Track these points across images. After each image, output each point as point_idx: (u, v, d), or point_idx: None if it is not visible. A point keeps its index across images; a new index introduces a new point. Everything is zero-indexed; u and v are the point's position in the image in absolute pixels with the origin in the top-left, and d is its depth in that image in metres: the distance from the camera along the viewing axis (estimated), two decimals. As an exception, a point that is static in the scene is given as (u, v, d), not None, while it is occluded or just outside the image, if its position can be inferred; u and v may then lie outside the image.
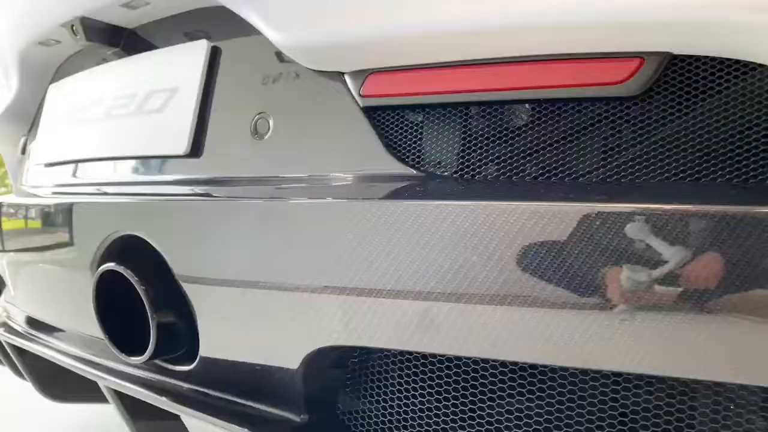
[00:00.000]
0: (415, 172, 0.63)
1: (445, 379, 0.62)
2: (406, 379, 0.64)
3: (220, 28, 0.84)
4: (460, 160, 0.63)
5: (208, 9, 0.83)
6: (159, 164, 0.84)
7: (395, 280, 0.55)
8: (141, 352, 0.72)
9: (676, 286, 0.44)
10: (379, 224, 0.56)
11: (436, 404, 0.63)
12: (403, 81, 0.64)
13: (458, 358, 0.60)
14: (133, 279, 0.67)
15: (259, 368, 0.67)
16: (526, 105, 0.61)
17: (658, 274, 0.45)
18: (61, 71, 1.17)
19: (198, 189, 0.76)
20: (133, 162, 0.89)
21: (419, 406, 0.64)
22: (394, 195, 0.59)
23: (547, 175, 0.60)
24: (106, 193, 0.87)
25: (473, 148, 0.62)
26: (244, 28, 0.79)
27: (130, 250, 0.72)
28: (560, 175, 0.59)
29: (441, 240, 0.53)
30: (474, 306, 0.52)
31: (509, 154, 0.61)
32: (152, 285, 0.67)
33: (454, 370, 0.61)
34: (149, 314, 0.66)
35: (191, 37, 0.88)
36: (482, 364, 0.59)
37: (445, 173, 0.63)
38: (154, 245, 0.68)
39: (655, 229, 0.45)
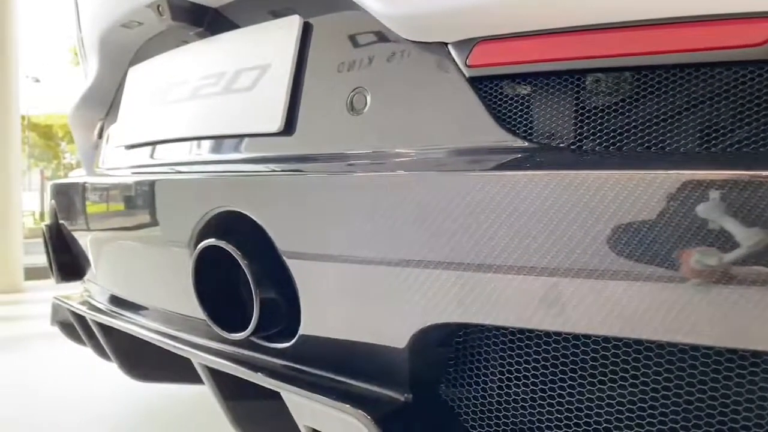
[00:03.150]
0: (527, 143, 0.60)
1: (553, 360, 0.60)
2: (511, 359, 0.62)
3: (307, 3, 0.83)
4: (576, 131, 0.60)
5: (298, -16, 0.82)
6: (250, 142, 0.84)
7: (516, 256, 0.52)
8: (239, 329, 0.72)
9: None
10: (497, 197, 0.53)
11: (541, 386, 0.61)
12: (514, 49, 0.61)
13: (576, 337, 0.57)
14: (236, 254, 0.66)
15: (363, 346, 0.66)
16: (647, 72, 0.58)
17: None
18: (139, 54, 1.18)
19: (294, 166, 0.75)
20: (221, 141, 0.89)
21: (524, 387, 0.62)
22: (511, 166, 0.57)
23: (669, 146, 0.57)
24: (196, 172, 0.87)
25: (589, 118, 0.59)
26: (333, 2, 0.78)
27: (229, 226, 0.72)
28: (684, 145, 0.56)
29: (566, 212, 0.50)
30: (604, 282, 0.49)
31: (630, 124, 0.58)
32: (255, 261, 0.67)
33: (564, 350, 0.59)
34: (253, 290, 0.66)
35: (275, 14, 0.87)
36: (598, 344, 0.56)
37: (561, 144, 0.60)
38: (257, 221, 0.68)
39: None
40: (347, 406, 0.64)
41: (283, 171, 0.73)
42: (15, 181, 4.73)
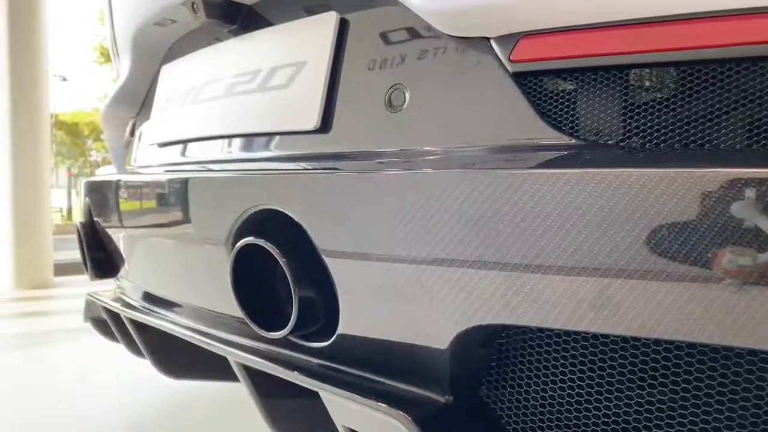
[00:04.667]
0: (573, 140, 0.59)
1: (599, 362, 0.58)
2: (555, 360, 0.61)
3: (342, 0, 0.82)
4: (624, 127, 0.58)
5: (335, -20, 0.81)
6: (286, 140, 0.84)
7: (566, 256, 0.51)
8: (276, 328, 0.71)
9: None
10: (546, 195, 0.52)
11: (587, 388, 0.59)
12: (561, 44, 0.60)
13: (625, 339, 0.56)
14: (276, 253, 0.66)
15: (403, 346, 0.65)
16: (700, 67, 0.56)
17: None
18: (171, 53, 1.18)
19: (331, 164, 0.75)
20: (256, 139, 0.89)
21: (568, 389, 0.60)
22: (560, 164, 0.56)
23: (723, 143, 0.55)
24: (232, 170, 0.87)
25: (638, 114, 0.58)
26: (371, -1, 0.77)
27: (267, 225, 0.71)
28: (739, 142, 0.54)
29: (618, 212, 0.49)
30: (659, 283, 0.48)
31: (682, 120, 0.56)
32: (293, 259, 0.66)
33: (612, 352, 0.57)
34: (292, 288, 0.65)
35: (311, 11, 0.86)
36: (648, 346, 0.55)
37: (609, 141, 0.58)
38: (296, 219, 0.67)
39: None
40: (387, 406, 0.63)
41: (321, 169, 0.73)
42: (45, 179, 4.82)
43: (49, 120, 5.02)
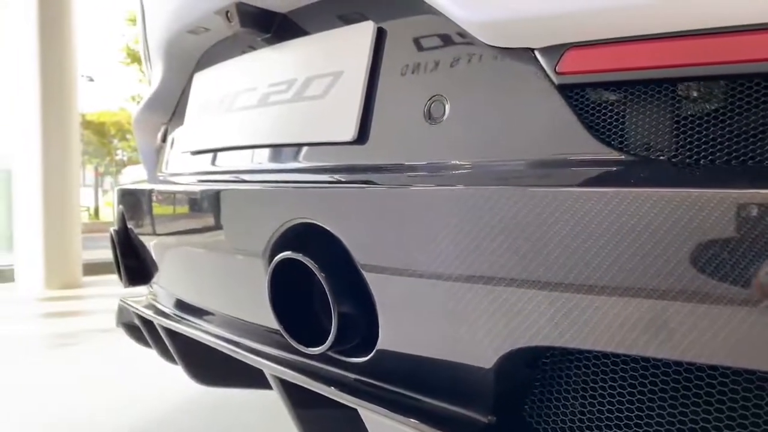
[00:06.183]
0: (623, 155, 0.57)
1: (649, 386, 0.56)
2: (603, 382, 0.59)
3: (380, 9, 0.80)
4: (677, 143, 0.56)
5: (372, -11, 0.80)
6: (322, 151, 0.83)
7: (620, 277, 0.49)
8: (314, 343, 0.71)
9: None
10: (598, 214, 0.50)
11: (637, 411, 0.57)
12: (610, 55, 0.58)
13: (678, 363, 0.54)
14: (315, 268, 0.65)
15: (444, 364, 0.63)
16: (759, 80, 0.54)
17: None
18: (203, 60, 1.19)
19: (368, 176, 0.74)
20: (291, 149, 0.88)
21: (616, 412, 0.58)
22: (612, 181, 0.54)
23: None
24: (266, 181, 0.86)
25: (692, 128, 0.55)
26: (409, 8, 0.75)
27: (305, 238, 0.71)
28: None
29: (677, 233, 0.47)
30: (718, 308, 0.46)
31: (740, 136, 0.54)
32: (333, 274, 0.65)
33: (663, 375, 0.55)
34: (331, 304, 0.64)
35: (347, 20, 0.85)
36: (702, 371, 0.53)
37: (661, 156, 0.56)
38: (335, 233, 0.66)
39: None
40: (429, 426, 0.62)
41: (358, 182, 0.72)
42: (75, 179, 4.89)
43: (79, 121, 5.10)
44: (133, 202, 1.16)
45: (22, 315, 3.71)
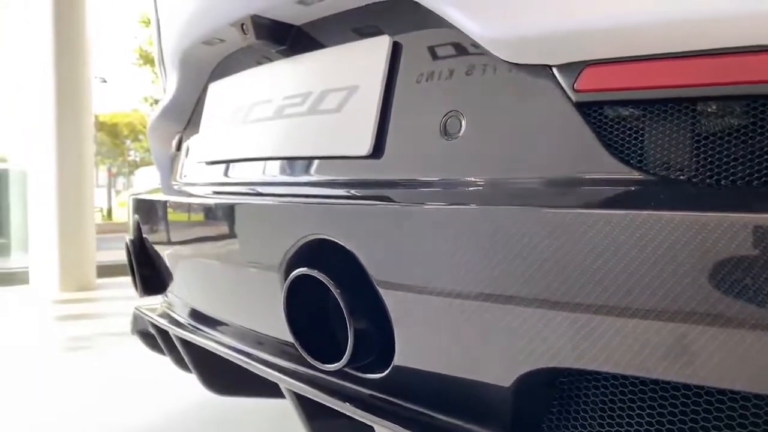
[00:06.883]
0: (642, 175, 0.56)
1: (670, 408, 0.56)
2: (622, 403, 0.59)
3: (396, 23, 0.80)
4: (697, 162, 0.55)
5: (387, 3, 0.79)
6: (336, 165, 0.83)
7: (643, 299, 0.49)
8: (330, 359, 0.71)
9: None
10: (621, 236, 0.50)
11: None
12: (629, 73, 0.57)
13: (699, 387, 0.53)
14: (331, 285, 0.65)
15: (461, 382, 0.63)
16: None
17: None
18: (218, 71, 1.19)
19: (383, 191, 0.73)
20: (304, 162, 0.88)
21: None
22: (633, 203, 0.53)
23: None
24: (281, 194, 0.87)
25: (714, 148, 0.55)
26: (426, 22, 0.75)
27: (321, 254, 0.71)
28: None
29: (699, 255, 0.46)
30: (741, 332, 0.45)
31: (762, 156, 0.53)
32: (349, 291, 0.65)
33: (684, 398, 0.55)
34: (348, 321, 0.65)
35: (362, 34, 0.85)
36: (724, 394, 0.52)
37: (681, 177, 0.56)
38: (352, 250, 0.66)
39: None
40: (445, 444, 0.62)
41: (374, 197, 0.72)
42: (89, 180, 4.93)
43: (93, 123, 5.14)
44: (148, 212, 1.17)
45: (38, 318, 3.74)
